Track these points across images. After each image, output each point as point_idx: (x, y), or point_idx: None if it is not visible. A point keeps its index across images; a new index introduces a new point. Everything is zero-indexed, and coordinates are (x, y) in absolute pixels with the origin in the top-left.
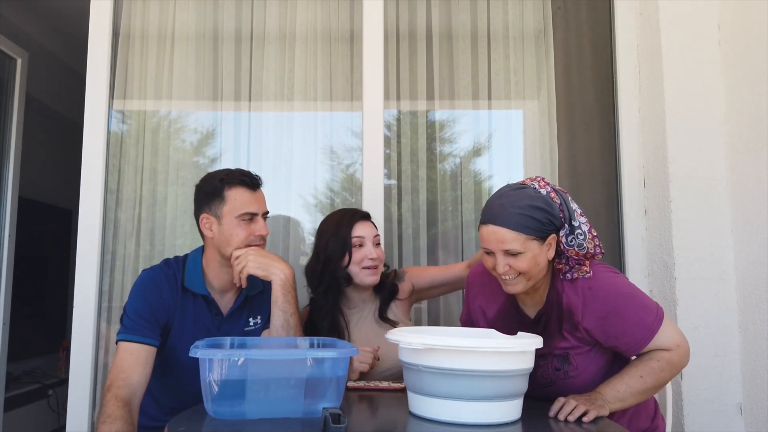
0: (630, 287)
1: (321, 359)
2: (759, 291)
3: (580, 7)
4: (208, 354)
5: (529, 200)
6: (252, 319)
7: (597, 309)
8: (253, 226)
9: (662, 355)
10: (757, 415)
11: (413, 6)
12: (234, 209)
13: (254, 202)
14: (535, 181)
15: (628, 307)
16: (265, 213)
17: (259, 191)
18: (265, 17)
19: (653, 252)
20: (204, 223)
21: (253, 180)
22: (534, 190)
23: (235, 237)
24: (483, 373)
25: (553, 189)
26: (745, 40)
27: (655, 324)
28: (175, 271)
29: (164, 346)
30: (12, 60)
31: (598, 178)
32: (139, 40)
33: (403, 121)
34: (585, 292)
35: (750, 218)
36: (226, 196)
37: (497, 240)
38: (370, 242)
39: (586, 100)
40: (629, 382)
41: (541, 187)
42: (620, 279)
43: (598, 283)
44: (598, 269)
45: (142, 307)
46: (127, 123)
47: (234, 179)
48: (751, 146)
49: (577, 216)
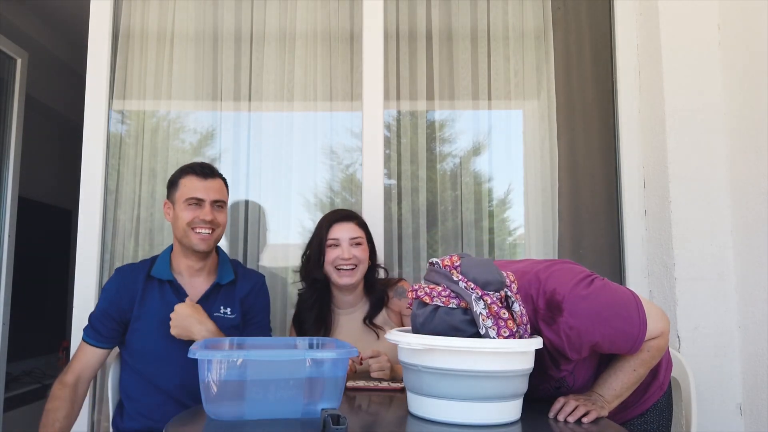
0: (606, 305)
1: (320, 360)
2: (758, 291)
3: (580, 7)
4: (206, 355)
5: (450, 326)
6: (222, 307)
7: (583, 342)
8: (198, 210)
9: (650, 344)
10: (757, 416)
11: (413, 6)
12: (183, 194)
13: (202, 189)
14: (435, 297)
15: (611, 327)
16: (216, 201)
17: (210, 180)
18: (265, 17)
19: (653, 252)
20: (165, 210)
21: (204, 170)
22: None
23: (181, 219)
24: (483, 374)
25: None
26: (745, 40)
27: (641, 331)
28: (147, 264)
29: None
30: (12, 60)
31: (598, 179)
32: (138, 40)
33: (403, 121)
34: (567, 332)
35: (749, 218)
36: (179, 184)
37: None
38: (345, 243)
39: (586, 101)
40: (624, 378)
41: (447, 304)
42: (596, 300)
43: (577, 320)
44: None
45: (100, 310)
46: (127, 123)
47: (188, 169)
48: (751, 146)
49: (481, 322)
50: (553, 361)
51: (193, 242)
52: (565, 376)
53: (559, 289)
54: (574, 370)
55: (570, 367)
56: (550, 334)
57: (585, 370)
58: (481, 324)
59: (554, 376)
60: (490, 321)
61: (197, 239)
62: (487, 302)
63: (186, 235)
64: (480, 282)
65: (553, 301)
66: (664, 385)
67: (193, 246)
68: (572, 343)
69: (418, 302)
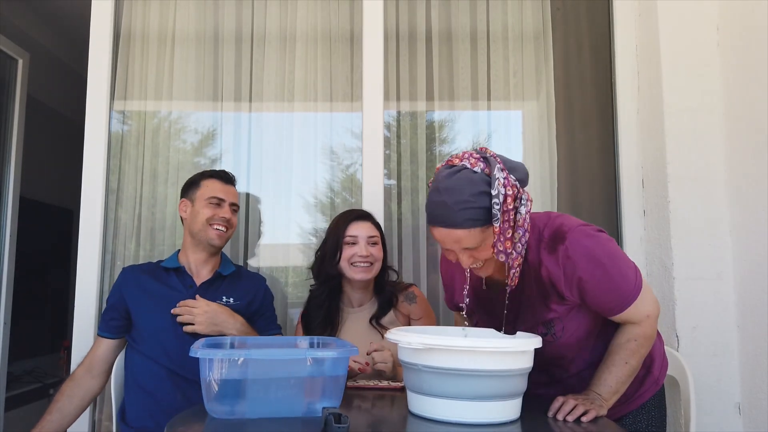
0: (609, 253)
1: (321, 359)
2: (757, 291)
3: (579, 8)
4: (208, 354)
5: (471, 188)
6: (225, 297)
7: (577, 277)
8: (218, 209)
9: (635, 332)
10: (756, 415)
11: (413, 7)
12: (205, 194)
13: (223, 192)
14: (465, 159)
15: (606, 275)
16: (233, 204)
17: (230, 186)
18: (266, 18)
19: (652, 252)
20: (181, 208)
21: (228, 176)
22: (470, 172)
23: (201, 215)
24: (482, 373)
25: (483, 159)
26: (744, 41)
27: (632, 293)
28: (153, 263)
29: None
30: (13, 60)
31: (597, 179)
32: (139, 40)
33: (402, 122)
34: (564, 261)
35: (748, 218)
36: (201, 184)
37: (453, 241)
38: (363, 241)
39: (585, 101)
40: (617, 372)
41: (473, 166)
42: (599, 244)
43: (576, 250)
44: (575, 235)
45: (107, 304)
46: (128, 123)
47: (213, 173)
48: (750, 147)
49: (496, 185)
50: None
51: (210, 236)
52: (554, 319)
53: (567, 223)
54: (563, 318)
55: (561, 309)
56: (550, 262)
57: (575, 324)
58: (495, 186)
59: (544, 317)
60: (503, 189)
61: (214, 234)
62: (505, 175)
63: (204, 229)
64: (508, 164)
65: (559, 231)
66: (659, 381)
67: (209, 240)
68: (567, 276)
69: (444, 167)
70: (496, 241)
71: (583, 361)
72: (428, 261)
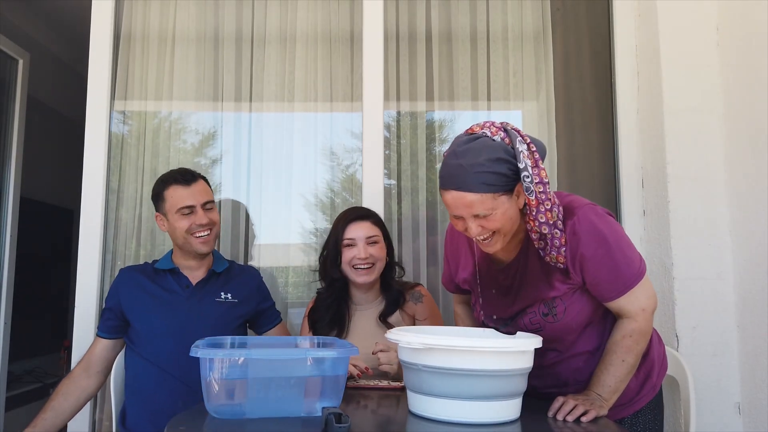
0: (615, 233)
1: (321, 359)
2: (757, 291)
3: (579, 8)
4: (208, 354)
5: (488, 153)
6: (223, 293)
7: (580, 254)
8: (193, 217)
9: (630, 327)
10: (756, 415)
11: (413, 7)
12: (173, 206)
13: (189, 196)
14: (485, 127)
15: (609, 254)
16: (206, 203)
17: (194, 185)
18: (266, 18)
19: (652, 252)
20: (159, 223)
21: (186, 176)
22: (489, 139)
23: (179, 229)
24: (482, 373)
25: (503, 129)
26: (744, 41)
27: (632, 279)
28: (149, 264)
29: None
30: (13, 61)
31: (597, 179)
32: (140, 41)
33: (402, 122)
34: (570, 237)
35: (748, 218)
36: (165, 196)
37: (464, 205)
38: (362, 243)
39: (585, 101)
40: (615, 371)
41: (493, 134)
42: (606, 223)
43: (582, 226)
44: (585, 211)
45: (106, 305)
46: (129, 124)
47: (169, 179)
48: (750, 147)
49: (522, 158)
50: (548, 275)
51: (195, 247)
52: (555, 298)
53: (577, 201)
54: (565, 299)
55: (564, 288)
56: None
57: (578, 306)
58: (521, 159)
59: (546, 295)
60: (529, 161)
61: (198, 243)
62: (531, 149)
63: (187, 242)
64: (528, 137)
65: (568, 207)
66: (656, 386)
67: (196, 250)
68: (572, 251)
69: (463, 134)
70: (536, 213)
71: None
72: (428, 261)
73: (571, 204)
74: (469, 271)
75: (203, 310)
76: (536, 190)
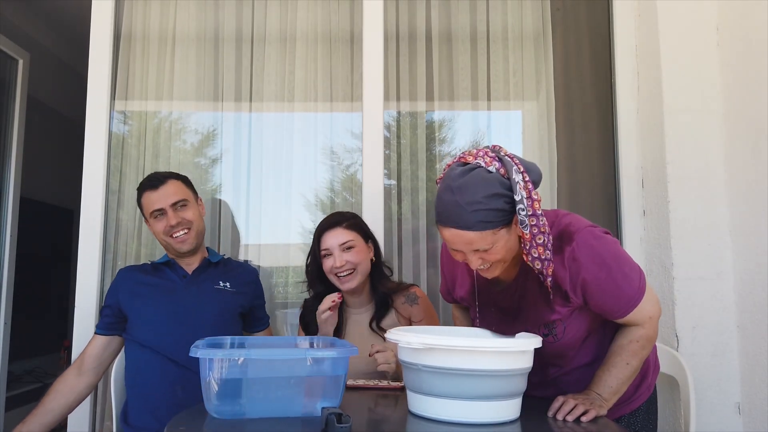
0: (615, 256)
1: (321, 359)
2: (757, 291)
3: (579, 8)
4: (208, 354)
5: (485, 189)
6: (222, 282)
7: (582, 279)
8: (164, 219)
9: (638, 333)
10: (756, 415)
11: (413, 7)
12: (147, 211)
13: (157, 200)
14: (479, 156)
15: (610, 277)
16: (176, 203)
17: (162, 188)
18: (266, 18)
19: (652, 252)
20: (148, 228)
21: (152, 181)
22: (484, 171)
23: (157, 233)
24: (482, 373)
25: (499, 160)
26: (744, 41)
27: (636, 297)
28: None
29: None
30: (13, 61)
31: (597, 179)
32: (140, 41)
33: (402, 122)
34: (570, 263)
35: (748, 218)
36: (141, 203)
37: (465, 243)
38: (336, 251)
39: (584, 101)
40: (618, 373)
41: (488, 165)
42: (605, 246)
43: (582, 252)
44: (583, 236)
45: (105, 304)
46: (129, 124)
47: (141, 186)
48: (749, 147)
49: (519, 189)
50: (547, 301)
51: (175, 247)
52: (556, 320)
53: (575, 224)
54: (566, 320)
55: (564, 311)
56: (555, 262)
57: (577, 325)
58: (518, 191)
59: (546, 318)
60: (524, 192)
61: (177, 243)
62: (525, 179)
63: (167, 243)
64: (523, 165)
65: (566, 232)
66: (651, 386)
67: (177, 250)
68: (572, 277)
69: (457, 164)
70: (529, 248)
71: (581, 359)
72: (428, 261)
73: (569, 228)
74: (466, 289)
75: (204, 297)
76: (530, 223)
